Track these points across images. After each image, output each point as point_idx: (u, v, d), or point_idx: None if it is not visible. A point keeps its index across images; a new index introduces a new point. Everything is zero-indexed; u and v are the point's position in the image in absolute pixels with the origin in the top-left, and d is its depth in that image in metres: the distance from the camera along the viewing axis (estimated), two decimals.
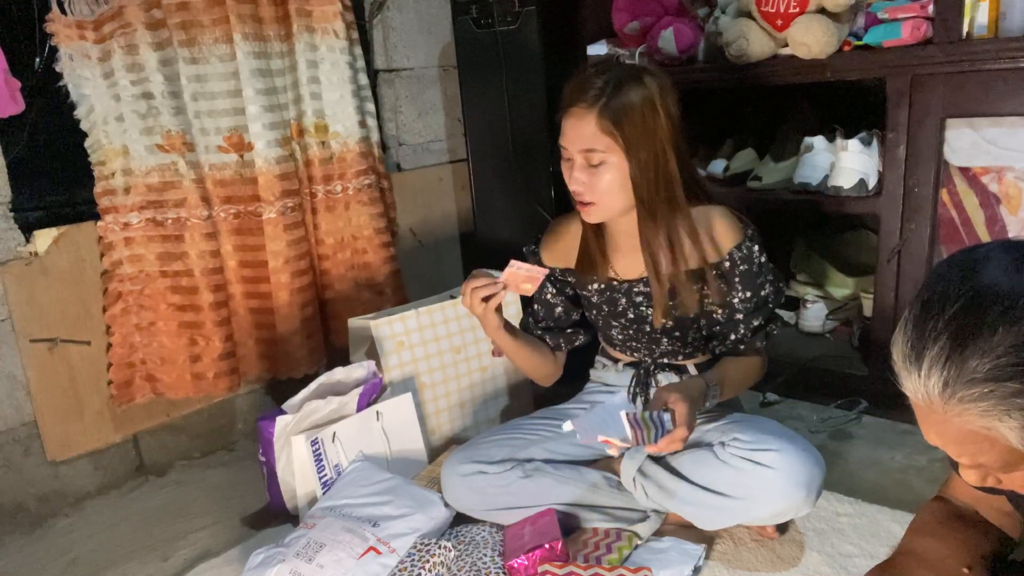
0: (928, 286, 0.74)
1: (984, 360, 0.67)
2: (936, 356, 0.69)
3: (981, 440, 0.71)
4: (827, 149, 1.89)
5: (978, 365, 0.67)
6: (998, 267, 0.70)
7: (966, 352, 0.68)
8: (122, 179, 1.78)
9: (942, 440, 0.75)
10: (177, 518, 1.72)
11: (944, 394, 0.70)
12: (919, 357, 0.71)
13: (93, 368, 1.78)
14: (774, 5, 1.78)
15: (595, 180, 1.33)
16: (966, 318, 0.69)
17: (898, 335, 0.74)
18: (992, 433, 0.69)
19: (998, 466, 0.74)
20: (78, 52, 1.69)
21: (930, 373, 0.70)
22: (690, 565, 1.32)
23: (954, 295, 0.70)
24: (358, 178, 2.04)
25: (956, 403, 0.69)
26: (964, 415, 0.69)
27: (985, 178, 1.69)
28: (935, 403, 0.71)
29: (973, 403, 0.68)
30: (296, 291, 1.92)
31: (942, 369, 0.69)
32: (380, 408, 1.68)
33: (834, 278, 2.24)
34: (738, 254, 1.38)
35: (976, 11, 1.61)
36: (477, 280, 1.36)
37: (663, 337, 1.48)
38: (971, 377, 0.68)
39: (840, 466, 1.64)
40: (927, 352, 0.70)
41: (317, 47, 1.94)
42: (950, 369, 0.69)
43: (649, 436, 1.18)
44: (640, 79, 1.29)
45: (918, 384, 0.72)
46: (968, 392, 0.68)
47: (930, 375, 0.70)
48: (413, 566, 1.32)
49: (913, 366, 0.72)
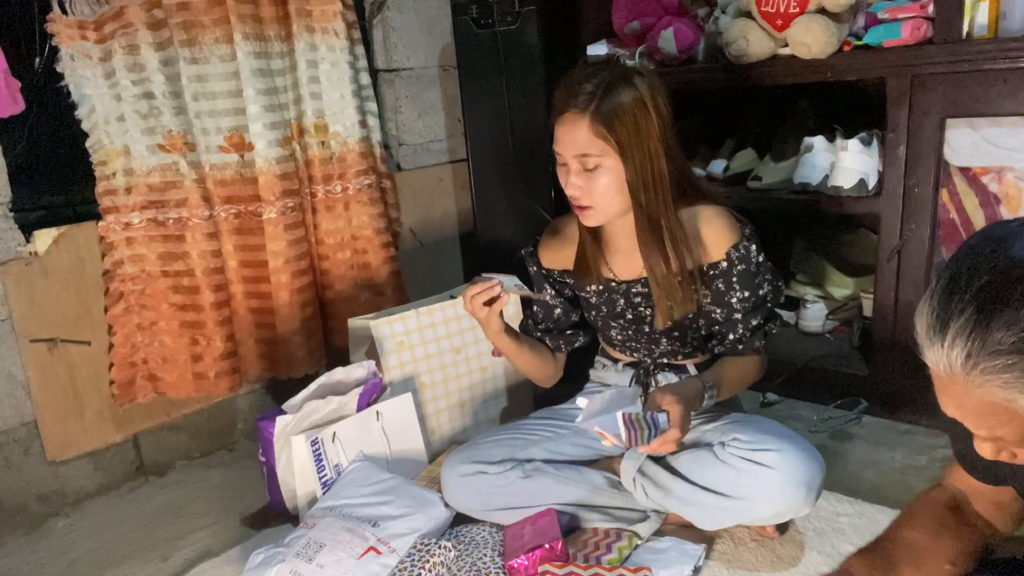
0: (957, 258, 0.74)
1: (1009, 332, 0.67)
2: (961, 327, 0.70)
3: (1001, 412, 0.71)
4: (827, 149, 1.89)
5: (1003, 337, 0.67)
6: None
7: (992, 324, 0.68)
8: (123, 179, 1.78)
9: (961, 412, 0.75)
10: (177, 518, 1.72)
11: (967, 365, 0.70)
12: (944, 328, 0.71)
13: (93, 368, 1.78)
14: (774, 5, 1.78)
15: (591, 184, 1.33)
16: (993, 291, 0.69)
17: (923, 306, 0.74)
18: (1012, 405, 0.69)
19: (1016, 439, 0.74)
20: (79, 52, 1.69)
21: (954, 343, 0.70)
22: (690, 565, 1.32)
23: (983, 268, 0.70)
24: (358, 178, 2.04)
25: (978, 374, 0.69)
26: (985, 386, 0.70)
27: (985, 178, 1.69)
28: (957, 374, 0.71)
29: (995, 375, 0.69)
30: (296, 291, 1.92)
31: (966, 340, 0.69)
32: (380, 408, 1.68)
33: (834, 278, 2.24)
34: (735, 254, 1.38)
35: (976, 11, 1.61)
36: (477, 287, 1.37)
37: (662, 337, 1.48)
38: (995, 349, 0.68)
39: (840, 466, 1.64)
40: (952, 323, 0.70)
41: (317, 47, 1.94)
42: (974, 340, 0.69)
43: (643, 437, 1.19)
44: (630, 80, 1.29)
45: (941, 354, 0.72)
46: (991, 363, 0.68)
47: (954, 345, 0.70)
48: (413, 566, 1.32)
49: (937, 336, 0.72)
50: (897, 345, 1.81)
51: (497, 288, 1.36)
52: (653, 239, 1.35)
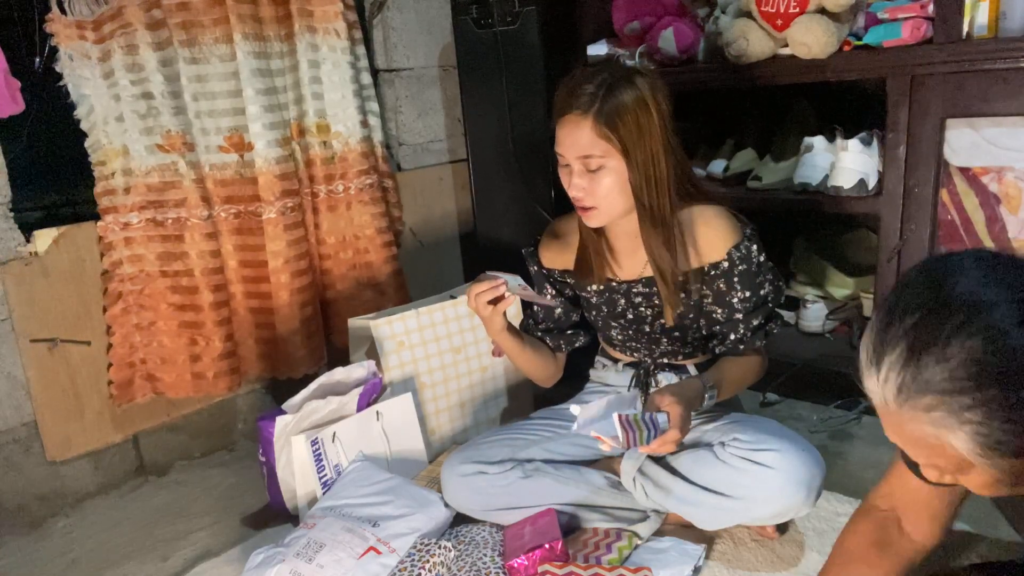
0: (896, 291, 0.75)
1: (937, 370, 0.68)
2: (894, 361, 0.71)
3: (934, 445, 0.72)
4: (827, 149, 1.89)
5: (931, 375, 0.69)
6: (966, 279, 0.71)
7: (922, 361, 0.69)
8: (122, 179, 1.78)
9: (900, 440, 0.77)
10: (177, 518, 1.72)
11: (899, 399, 0.71)
12: (879, 360, 0.73)
13: (93, 368, 1.78)
14: (774, 5, 1.78)
15: (595, 185, 1.32)
16: (925, 328, 0.70)
17: (865, 336, 0.76)
18: (941, 441, 0.71)
19: (952, 469, 0.75)
20: (78, 52, 1.69)
21: (887, 377, 0.72)
22: (690, 565, 1.32)
23: (917, 303, 0.71)
24: (360, 178, 2.04)
25: (909, 408, 0.71)
26: (916, 420, 0.71)
27: (985, 178, 1.69)
28: (891, 406, 0.73)
29: (924, 412, 0.70)
30: (296, 291, 1.92)
31: (898, 375, 0.71)
32: (380, 408, 1.68)
33: (834, 278, 2.24)
34: (736, 254, 1.38)
35: (976, 11, 1.61)
36: (482, 285, 1.36)
37: (662, 337, 1.48)
38: (924, 387, 0.69)
39: (840, 466, 1.64)
40: (886, 356, 0.72)
41: (319, 47, 1.94)
42: (905, 375, 0.70)
43: (642, 438, 1.19)
44: (631, 80, 1.29)
45: (876, 386, 0.74)
46: (920, 400, 0.70)
47: (887, 379, 0.72)
48: (413, 566, 1.32)
49: (873, 368, 0.74)
50: None
51: (502, 288, 1.36)
52: (658, 238, 1.35)
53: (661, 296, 1.40)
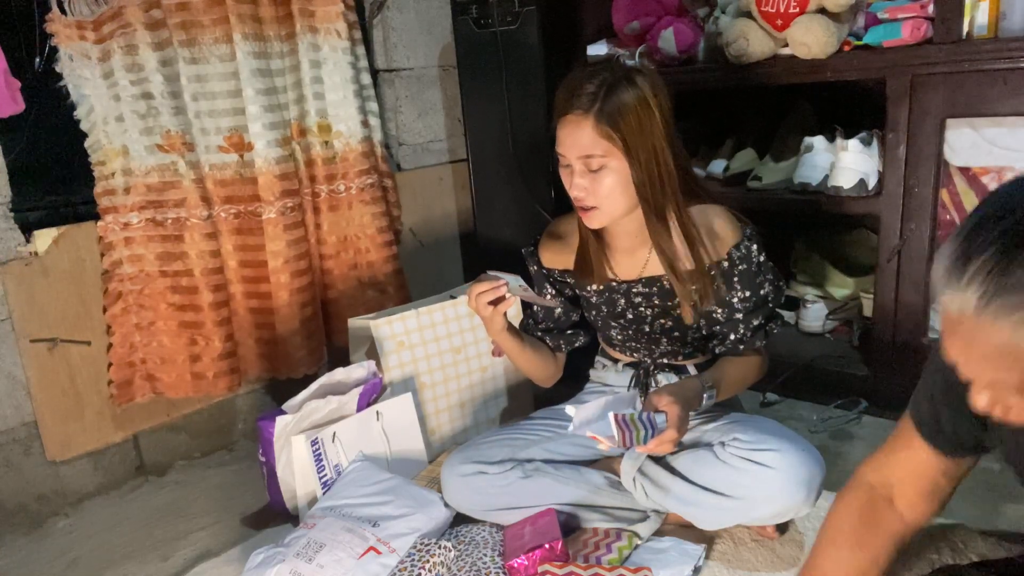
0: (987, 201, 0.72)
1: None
2: (981, 265, 0.68)
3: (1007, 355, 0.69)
4: (827, 149, 1.89)
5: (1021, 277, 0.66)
6: None
7: (1012, 264, 0.67)
8: (122, 179, 1.78)
9: (966, 355, 0.74)
10: (177, 518, 1.72)
11: (980, 302, 0.68)
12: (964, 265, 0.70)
13: (93, 368, 1.78)
14: (774, 5, 1.78)
15: (596, 185, 1.32)
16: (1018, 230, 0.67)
17: (944, 247, 0.73)
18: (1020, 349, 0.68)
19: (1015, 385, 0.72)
20: (78, 52, 1.69)
21: (971, 281, 0.69)
22: (690, 565, 1.32)
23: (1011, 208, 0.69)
24: (360, 178, 2.04)
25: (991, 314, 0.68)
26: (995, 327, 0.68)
27: (985, 178, 1.69)
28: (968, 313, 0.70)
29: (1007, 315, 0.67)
30: (296, 291, 1.92)
31: (984, 278, 0.68)
32: (380, 408, 1.68)
33: (834, 278, 2.24)
34: (737, 253, 1.38)
35: (976, 11, 1.61)
36: (482, 285, 1.36)
37: (662, 337, 1.48)
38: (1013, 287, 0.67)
39: (840, 466, 1.64)
40: (972, 261, 0.69)
41: (320, 47, 1.94)
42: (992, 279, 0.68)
43: (639, 437, 1.18)
44: (632, 79, 1.29)
45: (955, 293, 0.70)
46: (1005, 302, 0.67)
47: (971, 283, 0.69)
48: (413, 566, 1.32)
49: (955, 275, 0.70)
50: (897, 345, 1.81)
51: (503, 289, 1.36)
52: (664, 236, 1.35)
53: (678, 294, 1.39)
